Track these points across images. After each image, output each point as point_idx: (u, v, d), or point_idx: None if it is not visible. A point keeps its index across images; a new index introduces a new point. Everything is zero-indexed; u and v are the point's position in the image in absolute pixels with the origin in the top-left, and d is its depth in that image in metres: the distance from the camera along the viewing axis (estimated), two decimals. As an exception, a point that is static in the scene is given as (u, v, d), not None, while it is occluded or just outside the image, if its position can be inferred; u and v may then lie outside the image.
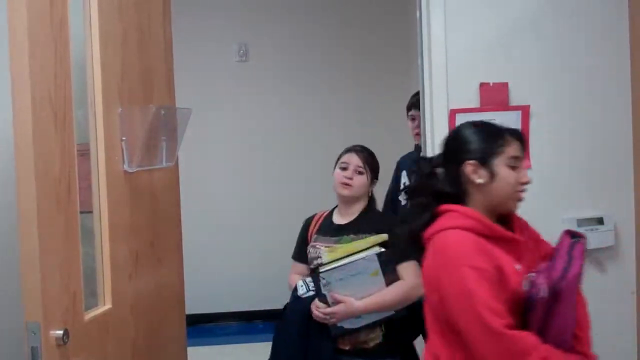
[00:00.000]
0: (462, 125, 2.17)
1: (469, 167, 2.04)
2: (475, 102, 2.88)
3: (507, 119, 2.86)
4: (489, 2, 2.90)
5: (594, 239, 2.92)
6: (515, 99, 2.89)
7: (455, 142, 2.13)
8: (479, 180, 2.03)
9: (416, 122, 3.58)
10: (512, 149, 2.03)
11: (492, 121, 2.67)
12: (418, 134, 3.52)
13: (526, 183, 2.06)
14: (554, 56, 2.92)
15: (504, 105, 2.87)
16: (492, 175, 2.02)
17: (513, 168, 2.03)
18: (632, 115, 2.94)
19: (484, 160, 2.02)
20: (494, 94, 2.87)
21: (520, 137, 2.08)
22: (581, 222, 2.90)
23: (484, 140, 2.05)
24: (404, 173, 3.62)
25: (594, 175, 2.95)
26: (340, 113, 6.24)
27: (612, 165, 2.96)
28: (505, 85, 2.88)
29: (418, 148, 3.60)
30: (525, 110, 2.88)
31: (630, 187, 2.96)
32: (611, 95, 2.94)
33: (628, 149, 2.95)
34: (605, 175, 2.96)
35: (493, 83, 2.88)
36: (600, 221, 2.92)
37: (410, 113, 3.68)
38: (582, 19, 2.92)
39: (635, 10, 2.89)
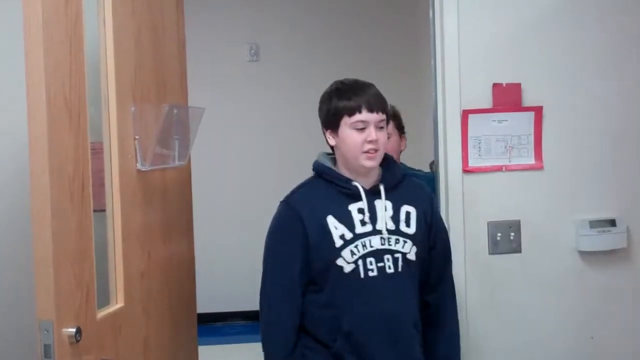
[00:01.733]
0: None
1: None
2: (488, 103, 2.87)
3: (520, 120, 2.86)
4: (503, 3, 2.89)
5: (606, 241, 2.91)
6: (528, 99, 2.88)
7: None
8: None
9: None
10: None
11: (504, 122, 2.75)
12: None
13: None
14: (568, 57, 2.91)
15: (517, 105, 2.86)
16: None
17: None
18: (645, 117, 2.93)
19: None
20: (507, 95, 2.86)
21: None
22: (593, 223, 2.89)
23: None
24: None
25: (606, 176, 2.94)
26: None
27: (625, 167, 2.95)
28: (518, 85, 2.87)
29: None
30: (538, 111, 2.87)
31: (644, 188, 2.95)
32: (624, 97, 2.93)
33: (642, 151, 2.94)
34: (618, 177, 2.95)
35: (506, 84, 2.87)
36: (612, 223, 2.91)
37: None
38: (595, 20, 2.91)
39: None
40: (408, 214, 2.37)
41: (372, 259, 2.29)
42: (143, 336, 2.42)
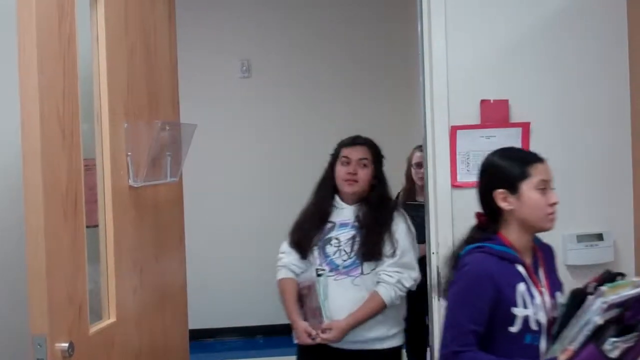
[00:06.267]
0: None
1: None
2: (476, 119, 2.90)
3: (507, 135, 2.89)
4: (490, 20, 2.93)
5: (594, 255, 2.93)
6: (515, 115, 2.92)
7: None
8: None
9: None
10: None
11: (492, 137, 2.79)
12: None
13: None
14: (554, 73, 2.94)
15: (504, 122, 2.90)
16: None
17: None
18: (631, 132, 2.96)
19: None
20: (495, 111, 2.89)
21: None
22: (581, 238, 2.92)
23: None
24: None
25: (593, 191, 2.97)
26: (344, 128, 6.26)
27: (611, 181, 2.98)
28: (506, 102, 2.91)
29: None
30: (525, 127, 2.91)
31: (630, 203, 2.98)
32: (610, 113, 2.96)
33: (627, 166, 2.97)
34: (604, 191, 2.98)
35: (494, 100, 2.90)
36: (599, 237, 2.94)
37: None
38: (583, 37, 2.95)
39: (634, 29, 2.92)
40: None
41: None
42: (135, 352, 2.44)
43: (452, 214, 2.88)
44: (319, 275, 3.03)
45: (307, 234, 3.16)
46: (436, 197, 2.89)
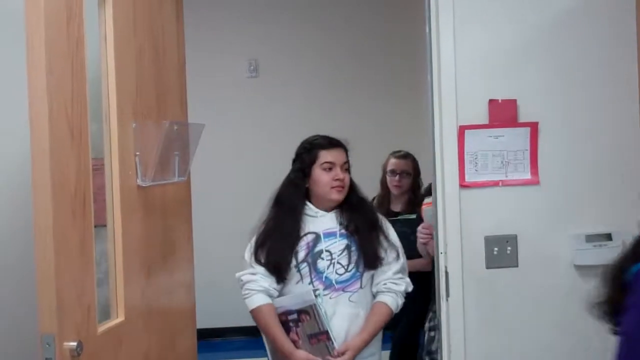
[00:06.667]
0: None
1: None
2: (484, 119, 2.90)
3: (516, 135, 2.89)
4: (498, 19, 2.92)
5: (602, 255, 2.91)
6: (523, 115, 2.91)
7: None
8: None
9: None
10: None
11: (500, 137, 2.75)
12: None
13: None
14: (563, 73, 2.93)
15: (512, 121, 2.89)
16: None
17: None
18: (640, 132, 2.96)
19: None
20: (503, 111, 2.89)
21: None
22: (590, 237, 2.91)
23: None
24: None
25: (602, 191, 2.96)
26: (352, 128, 6.26)
27: (620, 181, 2.97)
28: (514, 102, 2.90)
29: None
30: (534, 127, 2.90)
31: (639, 203, 2.97)
32: (620, 112, 2.95)
33: (636, 165, 2.96)
34: (613, 191, 2.97)
35: (502, 100, 2.90)
36: (608, 237, 2.93)
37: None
38: (591, 37, 2.94)
39: (643, 28, 2.92)
40: None
41: None
42: (143, 351, 2.44)
43: (460, 214, 2.88)
44: (317, 295, 2.81)
45: (284, 254, 2.88)
46: (444, 196, 2.89)
